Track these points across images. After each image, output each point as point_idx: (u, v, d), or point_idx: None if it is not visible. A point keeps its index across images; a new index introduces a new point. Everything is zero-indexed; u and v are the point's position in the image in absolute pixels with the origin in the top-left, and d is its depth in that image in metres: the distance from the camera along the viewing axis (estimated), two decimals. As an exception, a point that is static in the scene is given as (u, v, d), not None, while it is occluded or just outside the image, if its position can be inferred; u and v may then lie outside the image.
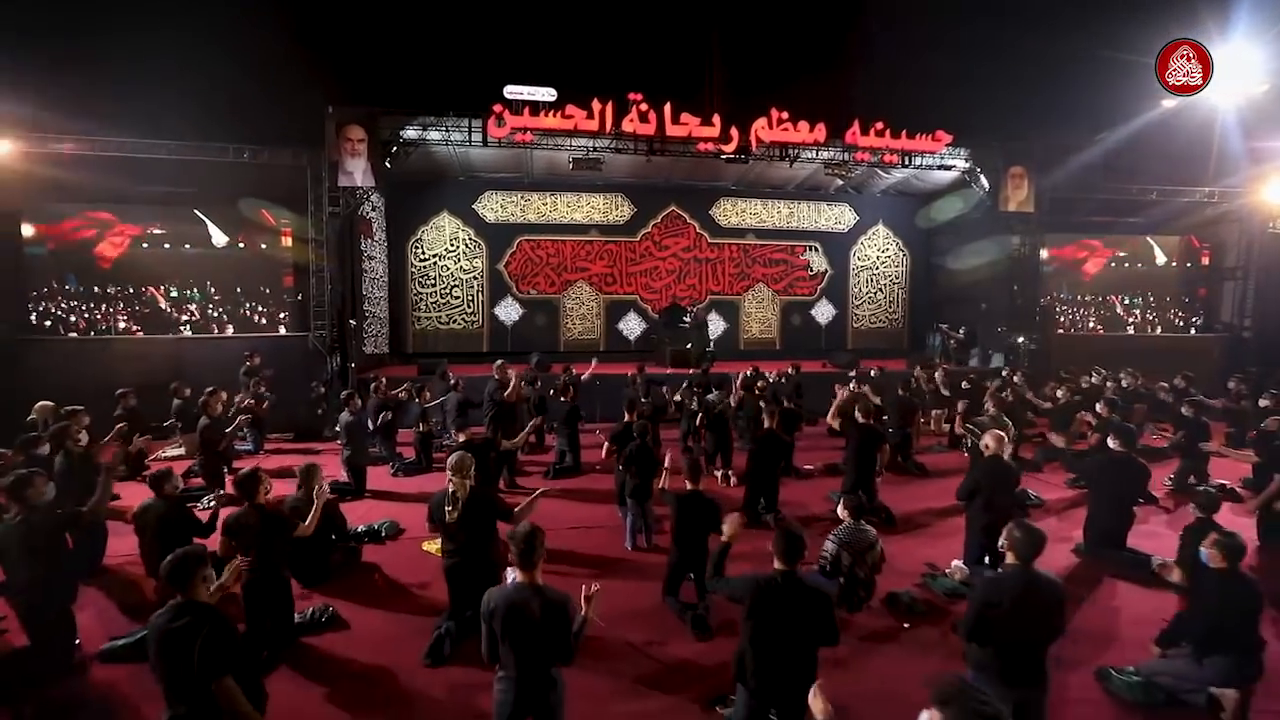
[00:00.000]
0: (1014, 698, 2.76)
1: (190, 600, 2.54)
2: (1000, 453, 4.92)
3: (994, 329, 13.14)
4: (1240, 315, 13.89)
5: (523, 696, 2.65)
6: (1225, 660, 3.21)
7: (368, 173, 10.36)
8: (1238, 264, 13.96)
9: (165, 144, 10.05)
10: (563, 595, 2.67)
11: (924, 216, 14.86)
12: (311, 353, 10.69)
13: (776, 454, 5.92)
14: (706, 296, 14.35)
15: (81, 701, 3.33)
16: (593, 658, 3.57)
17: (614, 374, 9.90)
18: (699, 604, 4.14)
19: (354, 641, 3.91)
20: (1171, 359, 12.01)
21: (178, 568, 2.56)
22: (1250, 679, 3.18)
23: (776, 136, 11.43)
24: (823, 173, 12.61)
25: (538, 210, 13.60)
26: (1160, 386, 10.04)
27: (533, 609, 2.60)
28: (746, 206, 14.49)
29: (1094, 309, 14.80)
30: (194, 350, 10.33)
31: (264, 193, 10.88)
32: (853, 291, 15.20)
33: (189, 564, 2.57)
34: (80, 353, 9.76)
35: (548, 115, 10.65)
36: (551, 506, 5.96)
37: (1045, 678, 2.89)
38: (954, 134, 12.23)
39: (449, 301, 13.38)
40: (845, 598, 4.29)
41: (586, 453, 7.77)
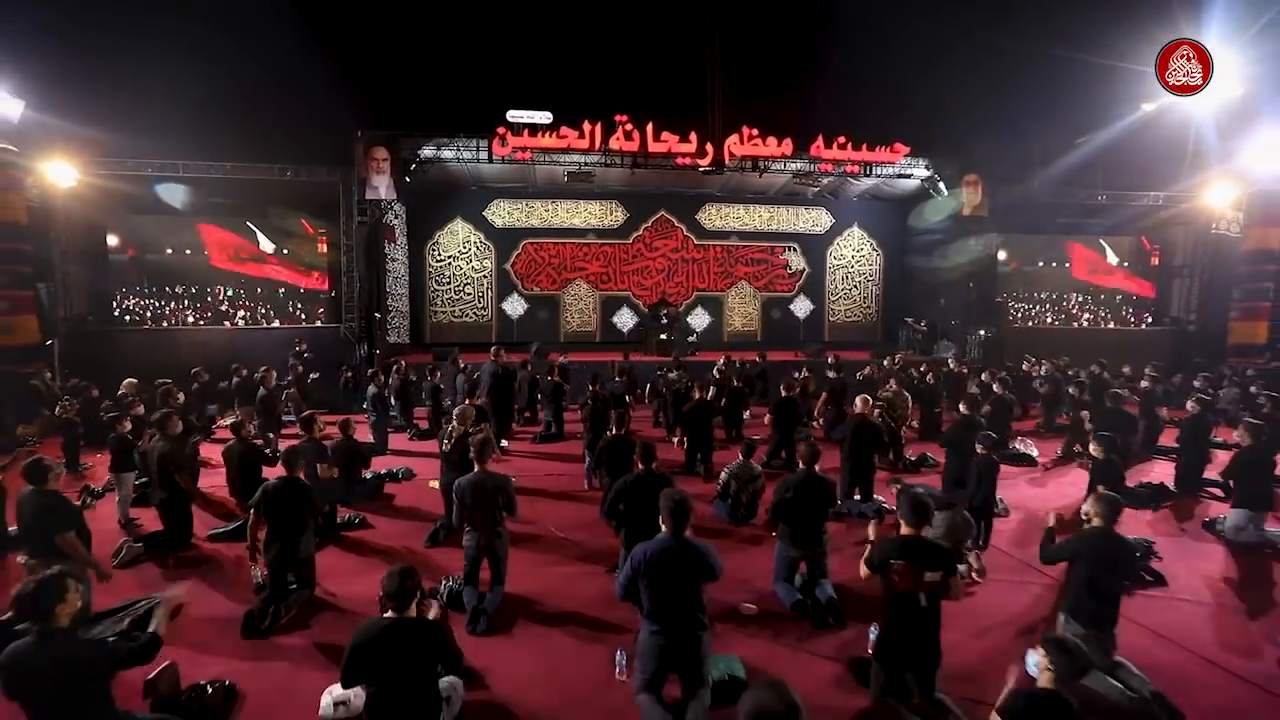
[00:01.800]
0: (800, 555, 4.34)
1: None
2: (866, 413, 6.41)
3: (951, 323, 14.46)
4: (1187, 310, 14.98)
5: (478, 546, 4.27)
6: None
7: (390, 187, 12.10)
8: (1185, 263, 15.03)
9: (222, 165, 11.92)
10: (503, 476, 4.30)
11: (918, 216, 15.56)
12: (343, 341, 12.50)
13: (705, 418, 7.46)
14: (693, 293, 15.90)
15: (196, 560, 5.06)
16: (545, 543, 5.21)
17: (602, 360, 11.53)
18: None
19: (376, 535, 5.59)
20: (1122, 351, 13.22)
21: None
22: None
23: (747, 151, 12.91)
24: (793, 182, 14.06)
25: (540, 216, 15.26)
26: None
27: (489, 486, 4.23)
28: (730, 211, 15.96)
29: (1049, 305, 15.98)
30: (246, 338, 12.20)
31: (303, 205, 12.69)
32: (829, 288, 16.59)
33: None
34: (155, 341, 11.69)
35: (544, 135, 12.29)
36: (536, 462, 7.66)
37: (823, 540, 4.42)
38: (912, 145, 13.57)
39: (462, 297, 15.11)
40: (733, 514, 5.85)
41: (569, 426, 9.44)
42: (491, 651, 3.74)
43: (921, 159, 13.86)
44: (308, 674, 3.49)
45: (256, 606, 4.01)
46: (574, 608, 4.29)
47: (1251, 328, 13.75)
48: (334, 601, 4.35)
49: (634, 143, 12.53)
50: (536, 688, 3.41)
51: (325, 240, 13.08)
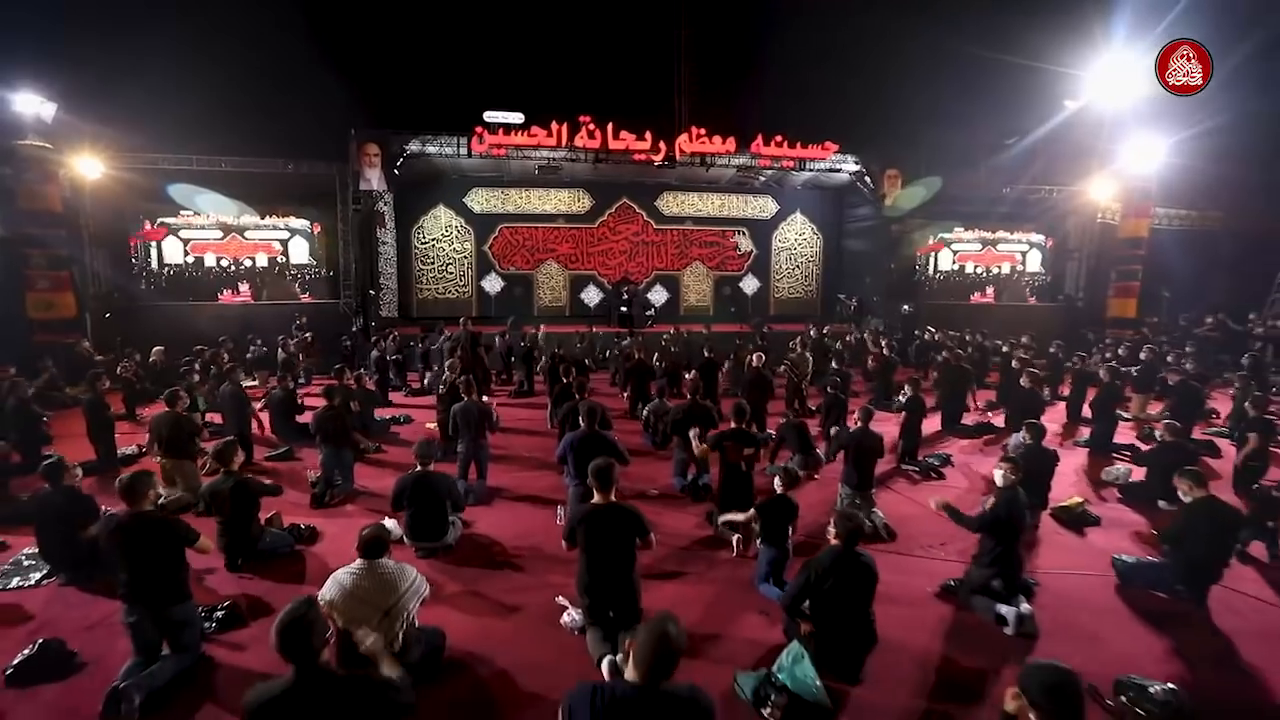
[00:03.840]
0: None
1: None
2: (758, 367, 8.47)
3: (873, 298, 16.65)
4: (1076, 289, 17.34)
5: (469, 452, 6.26)
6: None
7: (381, 179, 13.78)
8: (1075, 248, 17.33)
9: (229, 159, 13.48)
10: (486, 404, 6.29)
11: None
12: (341, 315, 14.25)
13: (644, 377, 9.49)
14: (652, 272, 17.84)
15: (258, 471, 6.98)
16: (515, 460, 7.23)
17: (570, 331, 13.49)
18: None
19: (386, 458, 7.54)
20: (1024, 324, 15.45)
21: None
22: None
23: (696, 148, 14.78)
24: (738, 175, 15.98)
25: (515, 203, 16.99)
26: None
27: (474, 410, 6.21)
28: (685, 199, 17.83)
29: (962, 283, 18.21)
30: (256, 312, 13.89)
31: (301, 196, 14.30)
32: (774, 268, 18.63)
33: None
34: (177, 315, 13.32)
35: (517, 134, 14.02)
36: (511, 410, 9.65)
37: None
38: (841, 144, 15.55)
39: (445, 276, 16.87)
40: (653, 440, 7.89)
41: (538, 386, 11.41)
42: (478, 515, 5.75)
43: (850, 155, 15.85)
44: (357, 520, 5.47)
45: (320, 489, 5.98)
46: (532, 493, 6.33)
47: (1125, 303, 16.15)
48: (366, 489, 6.33)
49: (596, 141, 14.30)
50: (505, 532, 5.42)
51: (320, 226, 14.69)
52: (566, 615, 4.00)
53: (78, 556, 4.35)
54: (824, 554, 3.48)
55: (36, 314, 12.09)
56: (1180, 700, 3.21)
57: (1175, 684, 3.33)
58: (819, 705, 3.19)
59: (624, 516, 3.70)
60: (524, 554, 5.02)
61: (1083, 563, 5.01)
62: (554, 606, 4.15)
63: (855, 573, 3.44)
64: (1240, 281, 17.22)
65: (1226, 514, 4.31)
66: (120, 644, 3.62)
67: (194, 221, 13.84)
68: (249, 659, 3.62)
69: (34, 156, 11.80)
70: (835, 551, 3.45)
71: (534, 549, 5.09)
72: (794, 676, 3.26)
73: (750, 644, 3.79)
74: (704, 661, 3.59)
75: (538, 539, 5.26)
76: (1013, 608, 3.92)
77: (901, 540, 5.35)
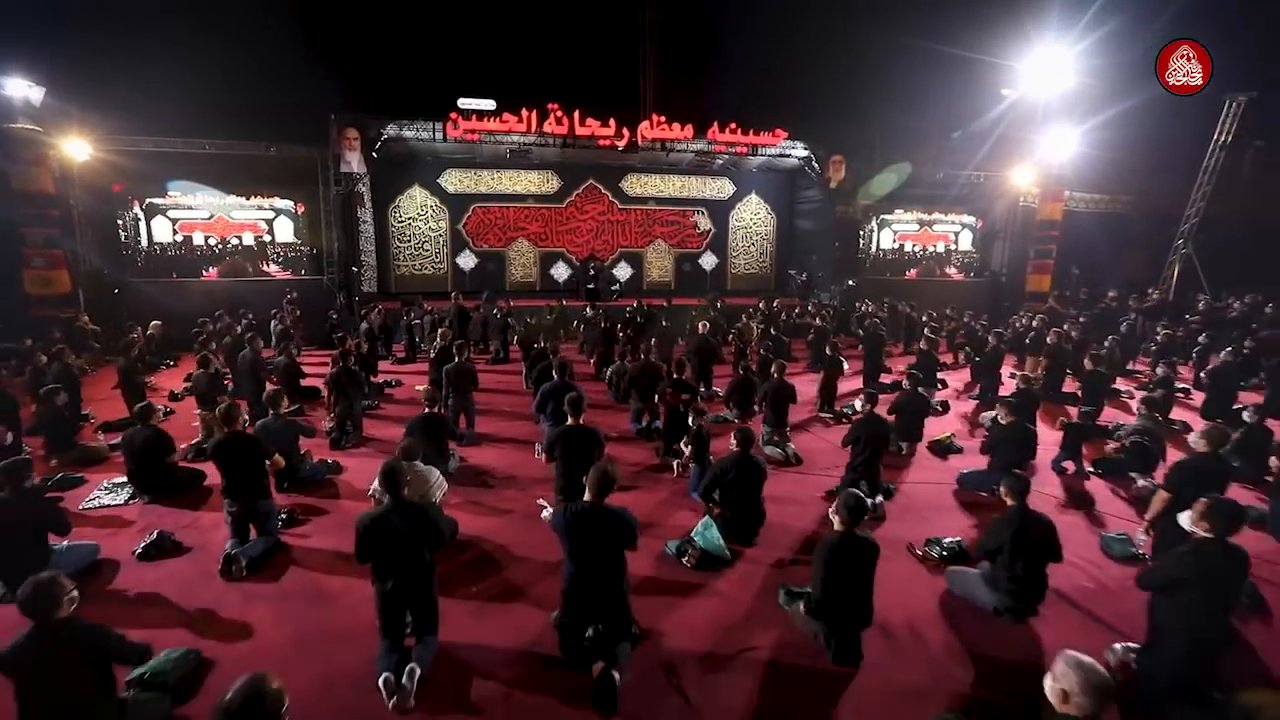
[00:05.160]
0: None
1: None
2: (704, 333, 9.89)
3: (818, 274, 18.23)
4: (1001, 265, 19.20)
5: (460, 405, 7.55)
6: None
7: (361, 162, 14.62)
8: (1000, 229, 19.14)
9: (213, 141, 14.17)
10: (474, 366, 7.57)
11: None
12: (325, 291, 15.19)
13: (610, 342, 10.85)
14: (617, 249, 19.06)
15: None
16: (496, 413, 8.54)
17: (540, 305, 14.72)
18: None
19: (383, 412, 8.77)
20: (955, 297, 17.24)
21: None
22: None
23: (656, 134, 15.95)
24: (695, 159, 17.23)
25: (487, 184, 17.94)
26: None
27: (464, 369, 7.49)
28: (648, 180, 18.99)
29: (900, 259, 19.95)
30: (244, 288, 14.74)
31: (283, 178, 15.08)
32: (731, 245, 20.02)
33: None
34: (168, 291, 14.11)
35: (489, 120, 14.99)
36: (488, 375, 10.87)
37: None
38: (791, 131, 16.91)
39: (421, 253, 17.81)
40: (614, 396, 9.27)
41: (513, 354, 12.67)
42: (470, 453, 7.05)
43: (799, 141, 17.22)
44: (371, 458, 6.74)
45: (335, 435, 7.21)
46: (513, 436, 7.67)
47: (1041, 279, 18.02)
48: (373, 436, 7.59)
49: (564, 127, 15.35)
50: (493, 464, 6.76)
51: (302, 207, 15.50)
52: (545, 512, 5.38)
53: (161, 480, 5.56)
54: (727, 457, 4.94)
55: (34, 290, 12.78)
56: (962, 546, 4.78)
57: (961, 538, 4.90)
58: (721, 558, 4.67)
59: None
60: (510, 478, 6.39)
61: (938, 477, 6.61)
62: (535, 507, 5.53)
63: (750, 470, 4.90)
64: (1150, 258, 19.25)
65: (1028, 432, 5.92)
66: (210, 537, 4.91)
67: (181, 202, 14.55)
68: (309, 543, 4.94)
69: (25, 139, 12.37)
70: (735, 455, 4.89)
71: (517, 475, 6.46)
72: (705, 538, 4.72)
73: (681, 527, 5.24)
74: (648, 538, 4.99)
75: (520, 469, 6.62)
76: (870, 498, 5.46)
77: (805, 465, 6.87)
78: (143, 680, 3.10)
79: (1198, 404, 9.43)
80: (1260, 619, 4.12)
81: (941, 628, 3.96)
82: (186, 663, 3.34)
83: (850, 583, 3.51)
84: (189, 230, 14.78)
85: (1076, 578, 4.51)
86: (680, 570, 4.61)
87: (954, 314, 15.11)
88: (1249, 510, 4.27)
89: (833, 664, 3.54)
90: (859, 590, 3.54)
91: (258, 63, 14.01)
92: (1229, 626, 3.36)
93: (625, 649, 3.46)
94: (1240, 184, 17.53)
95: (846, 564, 3.48)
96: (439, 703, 3.22)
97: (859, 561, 3.51)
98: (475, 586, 4.38)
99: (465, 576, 4.48)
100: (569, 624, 3.50)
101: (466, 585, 4.37)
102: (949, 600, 4.25)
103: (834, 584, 3.50)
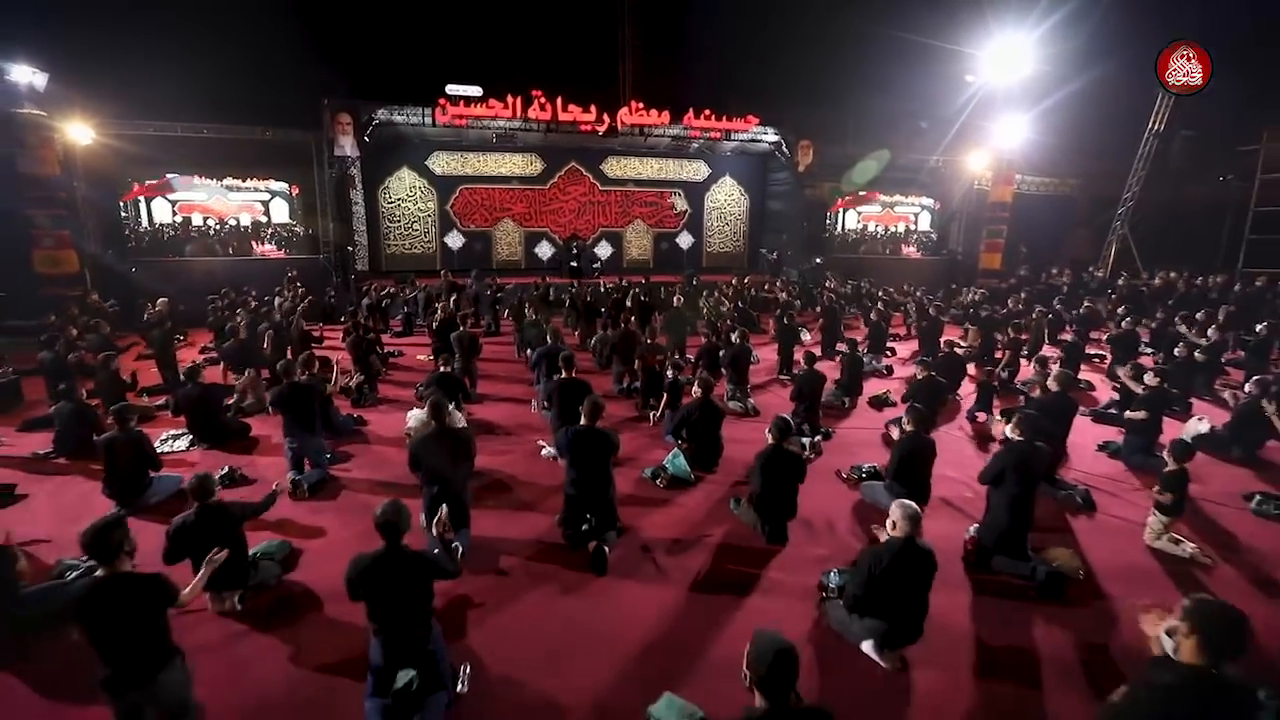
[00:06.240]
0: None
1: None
2: (680, 307, 11.03)
3: (789, 251, 19.44)
4: (958, 244, 20.58)
5: (463, 370, 8.62)
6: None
7: (353, 145, 15.38)
8: (956, 210, 20.48)
9: (211, 125, 14.79)
10: (476, 335, 8.63)
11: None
12: (321, 269, 15.99)
13: (593, 316, 11.95)
14: (598, 229, 20.04)
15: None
16: (495, 378, 9.63)
17: (525, 282, 15.70)
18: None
19: (391, 379, 9.80)
20: (914, 274, 18.53)
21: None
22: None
23: (635, 120, 16.88)
24: (672, 143, 18.20)
25: (474, 166, 18.73)
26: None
27: (467, 337, 8.55)
28: (628, 163, 19.91)
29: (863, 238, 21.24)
30: (245, 267, 15.49)
31: (278, 161, 15.76)
32: (706, 225, 21.10)
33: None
34: (171, 271, 14.82)
35: (476, 106, 15.79)
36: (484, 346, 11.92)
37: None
38: (763, 117, 17.94)
39: (411, 233, 18.60)
40: (598, 364, 10.40)
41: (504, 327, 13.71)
42: (474, 409, 8.15)
43: (770, 127, 18.27)
44: (390, 413, 7.81)
45: (354, 397, 8.24)
46: (510, 395, 8.79)
47: (992, 258, 19.47)
48: (385, 397, 8.64)
49: (547, 113, 16.21)
50: (495, 417, 7.88)
51: (297, 188, 16.21)
52: (544, 450, 6.55)
53: (215, 430, 6.60)
54: (692, 402, 6.13)
55: (44, 269, 13.45)
56: (876, 469, 6.05)
57: (877, 464, 6.18)
58: (686, 480, 5.88)
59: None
60: (510, 427, 7.53)
61: (871, 424, 7.89)
62: (535, 448, 6.70)
63: (710, 412, 6.10)
64: (1093, 237, 20.78)
65: (939, 384, 7.22)
66: (267, 474, 5.99)
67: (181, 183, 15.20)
68: (352, 475, 6.06)
69: (31, 124, 12.95)
70: (698, 400, 6.08)
71: (517, 425, 7.60)
72: (674, 465, 5.93)
73: (656, 460, 6.40)
74: (628, 468, 6.19)
75: (518, 420, 7.77)
76: (808, 439, 6.71)
77: (762, 417, 8.10)
78: (261, 556, 4.24)
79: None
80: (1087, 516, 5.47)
81: (850, 522, 5.24)
82: (285, 548, 4.48)
83: (779, 483, 4.73)
84: (188, 211, 15.44)
85: (958, 488, 5.83)
86: (654, 490, 5.81)
87: (910, 290, 16.42)
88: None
89: (766, 544, 4.78)
90: (786, 489, 4.77)
91: (255, 50, 14.60)
92: (1032, 503, 4.55)
93: (612, 535, 4.66)
94: (1169, 172, 19.03)
95: (775, 469, 4.70)
96: (477, 567, 4.39)
97: (786, 468, 4.73)
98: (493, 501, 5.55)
99: (484, 496, 5.63)
100: (570, 517, 4.68)
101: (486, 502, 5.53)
102: (860, 507, 5.52)
103: (768, 484, 4.72)
